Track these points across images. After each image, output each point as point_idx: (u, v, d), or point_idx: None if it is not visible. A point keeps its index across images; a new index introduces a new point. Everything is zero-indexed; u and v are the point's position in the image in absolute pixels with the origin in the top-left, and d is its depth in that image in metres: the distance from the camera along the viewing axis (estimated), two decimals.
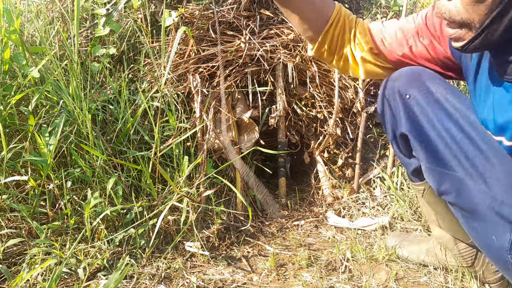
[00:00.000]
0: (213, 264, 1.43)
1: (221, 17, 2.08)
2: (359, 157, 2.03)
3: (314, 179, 2.10)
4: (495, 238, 0.87)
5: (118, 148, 1.65)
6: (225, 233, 1.64)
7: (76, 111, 1.53)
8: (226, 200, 1.79)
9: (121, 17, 2.08)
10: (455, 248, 1.26)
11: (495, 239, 0.87)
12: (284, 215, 1.89)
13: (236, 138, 1.88)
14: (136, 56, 2.05)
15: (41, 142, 1.40)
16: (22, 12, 1.93)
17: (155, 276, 1.31)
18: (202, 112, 1.82)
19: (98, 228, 1.42)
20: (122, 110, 1.68)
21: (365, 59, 1.13)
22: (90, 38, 2.03)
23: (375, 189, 1.97)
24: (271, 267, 1.42)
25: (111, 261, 1.36)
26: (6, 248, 1.32)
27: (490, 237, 0.88)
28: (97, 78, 1.92)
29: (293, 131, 2.13)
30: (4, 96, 1.52)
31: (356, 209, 1.86)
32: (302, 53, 2.10)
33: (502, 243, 0.86)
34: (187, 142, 1.74)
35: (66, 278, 1.27)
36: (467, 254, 1.25)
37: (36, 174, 1.48)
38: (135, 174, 1.61)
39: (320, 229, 1.76)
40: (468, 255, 1.25)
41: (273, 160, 2.08)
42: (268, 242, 1.63)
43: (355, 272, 1.39)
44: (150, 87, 1.90)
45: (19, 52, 1.61)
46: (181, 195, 1.46)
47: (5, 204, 1.40)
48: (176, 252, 1.47)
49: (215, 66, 1.96)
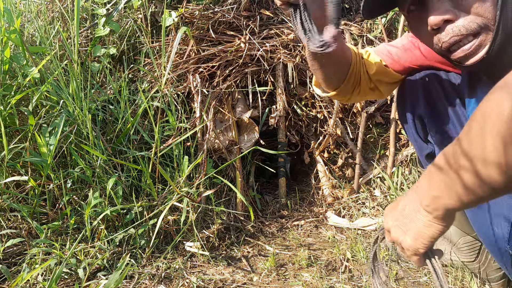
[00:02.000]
0: (213, 264, 1.43)
1: (221, 17, 2.08)
2: (359, 157, 2.03)
3: (314, 179, 2.10)
4: (496, 229, 0.87)
5: (118, 148, 1.65)
6: (225, 233, 1.64)
7: (76, 111, 1.53)
8: (226, 200, 1.79)
9: (121, 17, 2.08)
10: (460, 241, 1.27)
11: (496, 229, 0.87)
12: (284, 215, 1.89)
13: (236, 138, 1.88)
14: (136, 56, 2.05)
15: (41, 142, 1.40)
16: (22, 12, 1.93)
17: (155, 276, 1.31)
18: (202, 112, 1.82)
19: (98, 228, 1.42)
20: (122, 110, 1.68)
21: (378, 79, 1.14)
22: (90, 38, 2.03)
23: (375, 189, 1.97)
24: (271, 267, 1.42)
25: (111, 261, 1.36)
26: (6, 248, 1.32)
27: (491, 228, 0.89)
28: (97, 78, 1.92)
29: (293, 131, 2.13)
30: (4, 96, 1.52)
31: (356, 209, 1.86)
32: (302, 53, 2.10)
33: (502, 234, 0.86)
34: (187, 142, 1.74)
35: (66, 278, 1.27)
36: (471, 248, 1.25)
37: (36, 174, 1.48)
38: (135, 174, 1.61)
39: (320, 229, 1.76)
40: (472, 249, 1.25)
41: (273, 160, 2.08)
42: (268, 242, 1.63)
43: (355, 272, 1.39)
44: (150, 87, 1.90)
45: (19, 52, 1.61)
46: (181, 195, 1.46)
47: (5, 204, 1.40)
48: (176, 252, 1.47)
49: (215, 66, 1.96)
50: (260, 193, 2.04)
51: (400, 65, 1.12)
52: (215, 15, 2.08)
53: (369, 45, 2.24)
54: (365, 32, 2.32)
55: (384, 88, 1.16)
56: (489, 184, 0.55)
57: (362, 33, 2.30)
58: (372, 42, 2.25)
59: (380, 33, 2.25)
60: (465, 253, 1.27)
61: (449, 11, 0.81)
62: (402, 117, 1.18)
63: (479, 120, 0.55)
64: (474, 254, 1.26)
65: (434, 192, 0.63)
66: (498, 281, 1.21)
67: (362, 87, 1.14)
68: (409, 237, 0.69)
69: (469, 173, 0.57)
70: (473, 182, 0.57)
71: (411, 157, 1.98)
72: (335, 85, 1.12)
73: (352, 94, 1.15)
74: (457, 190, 0.59)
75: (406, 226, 0.70)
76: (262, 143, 1.87)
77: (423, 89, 1.09)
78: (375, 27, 2.34)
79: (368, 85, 1.14)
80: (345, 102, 1.15)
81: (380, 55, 1.13)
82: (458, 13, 0.81)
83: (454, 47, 0.84)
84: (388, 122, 2.14)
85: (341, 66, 1.07)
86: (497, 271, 1.21)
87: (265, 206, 1.98)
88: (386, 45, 1.15)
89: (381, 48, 1.15)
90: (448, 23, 0.82)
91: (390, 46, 1.14)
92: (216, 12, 2.08)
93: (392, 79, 1.14)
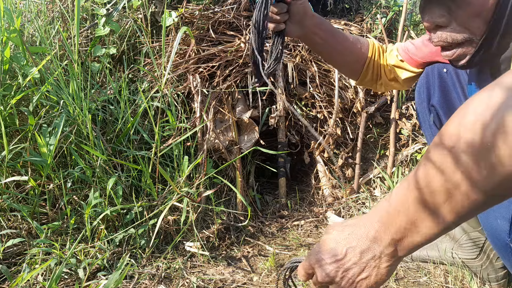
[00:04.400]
0: (213, 264, 1.43)
1: (221, 17, 2.08)
2: (359, 157, 2.03)
3: (314, 179, 2.10)
4: (499, 221, 0.88)
5: (118, 148, 1.65)
6: (225, 233, 1.64)
7: (76, 111, 1.53)
8: (226, 200, 1.79)
9: (121, 17, 2.08)
10: (463, 238, 1.27)
11: (499, 221, 0.88)
12: (284, 215, 1.89)
13: (236, 138, 1.88)
14: (136, 56, 2.05)
15: (41, 142, 1.40)
16: (22, 12, 1.93)
17: (155, 276, 1.31)
18: (202, 112, 1.82)
19: (98, 228, 1.42)
20: (122, 110, 1.68)
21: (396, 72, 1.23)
22: (90, 38, 2.03)
23: (375, 189, 1.97)
24: (271, 267, 1.42)
25: (111, 261, 1.36)
26: (6, 248, 1.32)
27: (496, 220, 0.89)
28: (97, 78, 1.91)
29: (293, 131, 2.13)
30: (4, 96, 1.52)
31: (356, 209, 1.86)
32: (302, 53, 2.10)
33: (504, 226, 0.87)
34: (187, 142, 1.74)
35: (66, 278, 1.27)
36: (474, 244, 1.25)
37: (36, 174, 1.48)
38: (135, 174, 1.61)
39: (320, 229, 1.76)
40: (475, 246, 1.25)
41: (273, 160, 2.08)
42: (268, 242, 1.63)
43: None
44: (150, 87, 1.90)
45: (19, 52, 1.61)
46: (181, 195, 1.46)
47: (5, 204, 1.40)
48: (176, 252, 1.47)
49: (215, 66, 1.96)
50: (260, 193, 2.04)
51: (414, 61, 1.20)
52: (215, 15, 2.08)
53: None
54: (365, 32, 2.32)
55: (403, 81, 1.24)
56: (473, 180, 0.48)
57: (362, 33, 2.30)
58: None
59: (380, 33, 2.25)
60: (467, 250, 1.27)
61: (443, 16, 0.85)
62: (418, 105, 1.26)
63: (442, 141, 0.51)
64: (476, 251, 1.25)
65: (398, 235, 0.56)
66: (498, 281, 1.21)
67: (383, 79, 1.25)
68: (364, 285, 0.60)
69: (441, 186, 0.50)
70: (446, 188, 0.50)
71: (411, 157, 1.98)
72: (352, 76, 1.28)
73: (376, 84, 1.27)
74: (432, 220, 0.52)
75: (358, 276, 0.60)
76: (262, 143, 1.87)
77: (440, 79, 1.16)
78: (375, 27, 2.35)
79: (388, 77, 1.24)
80: (373, 90, 1.49)
81: (399, 51, 1.22)
82: (450, 20, 0.85)
83: (442, 49, 0.91)
84: (388, 122, 2.14)
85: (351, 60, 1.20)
86: (497, 271, 1.21)
87: (265, 206, 1.98)
88: (408, 42, 1.23)
89: (403, 45, 1.23)
90: (439, 28, 0.87)
91: (410, 43, 1.22)
92: (216, 12, 2.08)
93: (409, 73, 1.22)
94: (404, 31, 2.13)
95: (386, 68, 1.24)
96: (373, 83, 1.28)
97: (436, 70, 1.17)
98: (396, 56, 1.21)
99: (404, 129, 2.06)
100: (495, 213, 0.89)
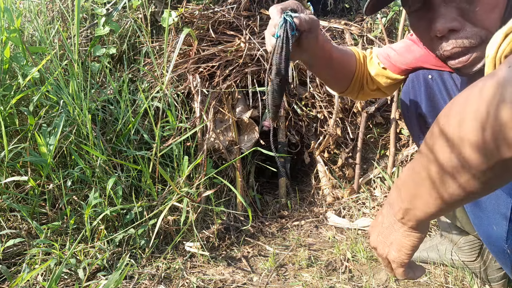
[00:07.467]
0: (213, 264, 1.43)
1: (221, 17, 2.08)
2: (359, 157, 2.03)
3: (314, 179, 2.10)
4: (495, 227, 0.87)
5: (118, 148, 1.64)
6: (225, 233, 1.64)
7: (76, 111, 1.53)
8: (226, 200, 1.79)
9: (121, 17, 2.08)
10: (461, 241, 1.27)
11: (495, 228, 0.87)
12: (284, 215, 1.89)
13: (236, 138, 1.88)
14: (136, 56, 2.05)
15: (41, 142, 1.40)
16: (22, 12, 1.93)
17: (155, 276, 1.31)
18: (202, 112, 1.81)
19: (98, 228, 1.42)
20: (122, 110, 1.68)
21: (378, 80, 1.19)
22: (90, 38, 2.03)
23: (375, 189, 1.97)
24: (271, 267, 1.42)
25: (111, 261, 1.36)
26: (6, 248, 1.32)
27: (491, 226, 0.89)
28: (97, 78, 1.91)
29: (293, 131, 2.13)
30: (4, 96, 1.52)
31: (356, 209, 1.85)
32: None
33: (500, 232, 0.86)
34: (187, 142, 1.74)
35: (66, 278, 1.27)
36: (472, 248, 1.25)
37: (36, 174, 1.48)
38: (135, 174, 1.61)
39: (320, 229, 1.76)
40: (473, 249, 1.25)
41: (273, 160, 2.08)
42: (268, 242, 1.62)
43: (355, 272, 1.39)
44: (150, 87, 1.89)
45: (19, 52, 1.61)
46: (181, 195, 1.46)
47: (5, 204, 1.40)
48: (176, 252, 1.47)
49: (215, 66, 1.96)
50: (260, 193, 2.04)
51: (397, 68, 1.14)
52: (215, 15, 2.08)
53: (369, 45, 2.24)
54: (365, 32, 2.32)
55: (385, 88, 1.19)
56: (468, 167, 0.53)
57: (362, 33, 2.30)
58: (372, 42, 2.25)
59: (380, 33, 2.25)
60: (466, 252, 1.27)
61: (455, 20, 0.78)
62: (405, 114, 1.21)
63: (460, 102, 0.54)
64: (475, 253, 1.26)
65: (404, 205, 0.65)
66: (498, 281, 1.21)
67: (365, 90, 1.20)
68: (393, 250, 0.70)
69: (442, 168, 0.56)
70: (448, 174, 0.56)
71: (412, 157, 1.98)
72: (337, 90, 1.22)
73: (358, 95, 1.22)
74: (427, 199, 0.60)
75: (388, 239, 0.71)
76: (262, 143, 1.87)
77: (425, 86, 1.12)
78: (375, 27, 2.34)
79: (370, 87, 1.19)
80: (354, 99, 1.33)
81: (380, 58, 1.16)
82: (464, 23, 0.78)
83: (454, 55, 0.82)
84: (388, 122, 2.14)
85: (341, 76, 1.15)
86: (497, 271, 1.21)
87: (265, 206, 1.97)
88: (388, 48, 1.17)
89: (382, 51, 1.17)
90: (452, 33, 0.80)
91: (390, 49, 1.16)
92: (216, 12, 2.08)
93: (392, 80, 1.17)
94: (404, 31, 2.13)
95: (368, 78, 1.19)
96: (354, 94, 1.23)
97: (422, 77, 1.13)
98: (378, 64, 1.16)
99: (404, 129, 2.05)
100: (490, 220, 0.88)
